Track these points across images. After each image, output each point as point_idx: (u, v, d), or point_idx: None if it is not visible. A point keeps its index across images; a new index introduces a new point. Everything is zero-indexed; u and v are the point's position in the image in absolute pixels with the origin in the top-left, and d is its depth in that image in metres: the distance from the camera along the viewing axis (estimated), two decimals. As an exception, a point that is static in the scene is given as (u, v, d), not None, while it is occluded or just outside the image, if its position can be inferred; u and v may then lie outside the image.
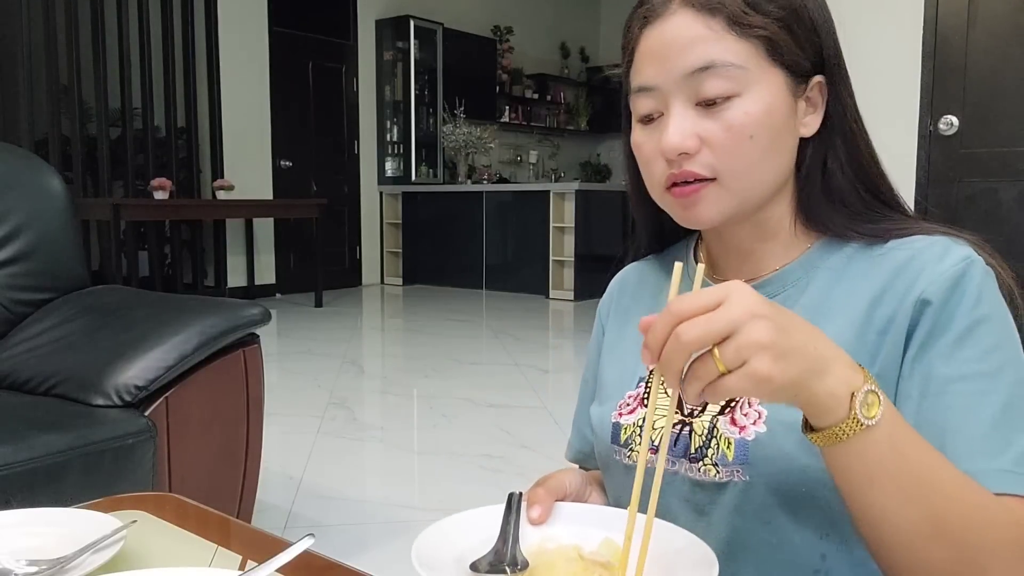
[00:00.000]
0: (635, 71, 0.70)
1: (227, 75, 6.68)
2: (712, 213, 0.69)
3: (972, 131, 3.46)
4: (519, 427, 3.24)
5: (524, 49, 9.61)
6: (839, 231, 0.72)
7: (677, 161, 0.67)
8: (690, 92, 0.67)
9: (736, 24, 0.65)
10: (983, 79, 3.43)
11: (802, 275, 0.73)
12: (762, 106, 0.66)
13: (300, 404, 3.58)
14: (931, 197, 3.56)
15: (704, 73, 0.65)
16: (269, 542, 0.77)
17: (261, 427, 1.91)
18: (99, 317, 1.85)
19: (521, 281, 7.32)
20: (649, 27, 0.69)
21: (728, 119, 0.66)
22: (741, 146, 0.67)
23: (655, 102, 0.69)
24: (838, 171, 0.71)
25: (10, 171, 2.01)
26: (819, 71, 0.70)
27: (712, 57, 0.65)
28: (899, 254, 0.68)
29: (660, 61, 0.67)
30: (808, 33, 0.69)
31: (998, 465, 0.59)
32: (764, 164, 0.68)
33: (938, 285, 0.64)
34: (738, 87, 0.66)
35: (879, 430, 0.53)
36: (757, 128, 0.66)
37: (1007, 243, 3.44)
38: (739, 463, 0.68)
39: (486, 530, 0.65)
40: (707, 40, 0.66)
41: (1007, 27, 3.39)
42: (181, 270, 6.54)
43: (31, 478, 1.38)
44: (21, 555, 0.67)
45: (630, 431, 0.76)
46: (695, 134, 0.66)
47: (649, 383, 0.78)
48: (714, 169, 0.67)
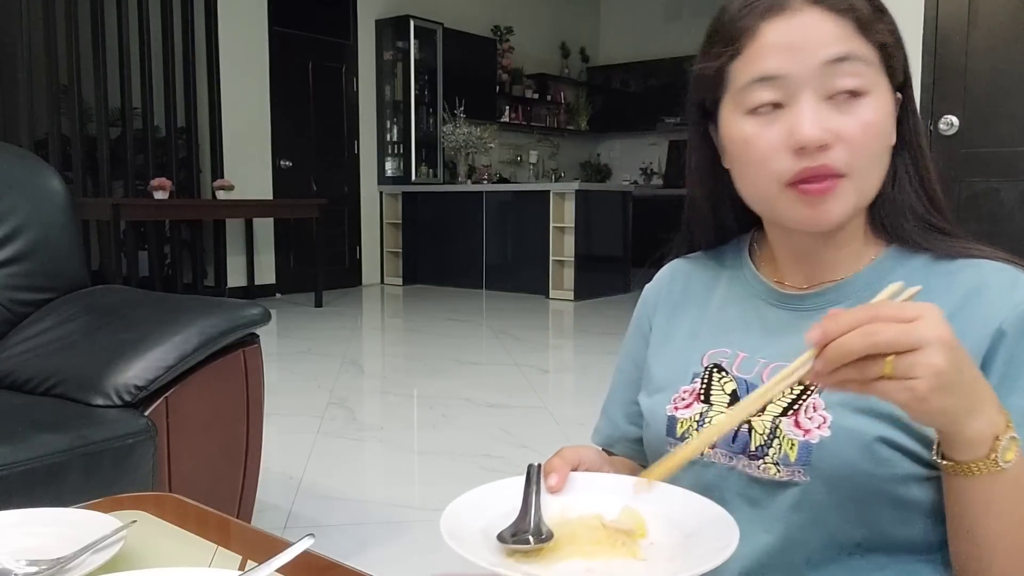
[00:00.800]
0: (750, 62, 0.69)
1: (227, 75, 6.68)
2: (840, 212, 0.68)
3: (972, 131, 3.46)
4: (519, 427, 3.24)
5: (524, 49, 9.60)
6: (908, 242, 0.73)
7: (813, 154, 0.66)
8: (822, 85, 0.66)
9: (864, 27, 0.67)
10: (983, 79, 3.43)
11: (869, 285, 0.72)
12: (886, 109, 0.69)
13: (300, 404, 3.58)
14: (931, 197, 3.56)
15: (841, 64, 0.66)
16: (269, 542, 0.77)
17: (261, 427, 1.91)
18: (99, 317, 1.85)
19: (521, 281, 7.32)
20: (774, 19, 0.68)
21: (862, 115, 0.67)
22: (872, 144, 0.67)
23: (779, 92, 0.68)
24: (907, 183, 0.73)
25: (10, 171, 2.01)
26: (900, 88, 0.72)
27: (848, 49, 0.66)
28: (969, 276, 0.70)
29: (791, 52, 0.67)
30: (902, 50, 0.72)
31: None
32: (882, 165, 0.70)
33: (1015, 316, 0.66)
34: (869, 84, 0.67)
35: (1009, 472, 0.57)
36: (884, 127, 0.68)
37: (1009, 243, 3.43)
38: (801, 464, 0.69)
39: (509, 501, 0.66)
40: (841, 36, 0.67)
41: (1007, 27, 3.39)
42: (181, 270, 6.54)
43: (31, 478, 1.37)
44: (21, 555, 0.67)
45: (687, 425, 0.76)
46: (829, 127, 0.66)
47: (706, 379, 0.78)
48: (848, 165, 0.67)
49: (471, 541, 0.60)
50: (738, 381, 0.75)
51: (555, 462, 0.70)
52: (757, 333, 0.77)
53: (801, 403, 0.70)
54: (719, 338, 0.79)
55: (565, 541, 0.62)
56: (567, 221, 6.96)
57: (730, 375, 0.76)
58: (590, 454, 0.75)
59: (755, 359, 0.75)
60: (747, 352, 0.76)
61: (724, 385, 0.76)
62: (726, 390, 0.76)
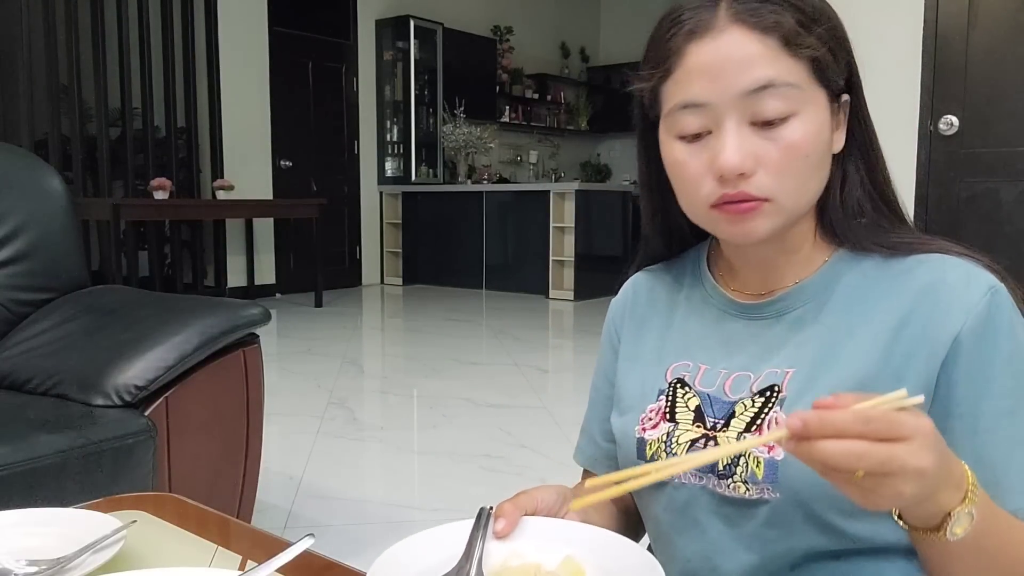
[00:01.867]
0: (676, 85, 0.69)
1: (227, 75, 6.68)
2: (766, 228, 0.69)
3: (972, 131, 3.46)
4: (519, 427, 3.24)
5: (524, 49, 9.60)
6: (858, 243, 0.72)
7: (733, 181, 0.66)
8: (746, 111, 0.66)
9: (789, 44, 0.65)
10: (983, 79, 3.43)
11: (822, 290, 0.73)
12: (815, 126, 0.67)
13: (300, 404, 3.58)
14: (931, 197, 3.56)
15: (763, 92, 0.65)
16: (269, 542, 0.77)
17: (261, 427, 1.91)
18: (99, 317, 1.85)
19: (521, 281, 7.33)
20: (698, 41, 0.67)
21: (786, 139, 0.66)
22: (796, 166, 0.67)
23: (704, 119, 0.67)
24: (857, 185, 0.72)
25: (10, 171, 2.01)
26: (847, 90, 0.71)
27: (771, 76, 0.65)
28: (922, 275, 0.69)
29: (713, 78, 0.66)
30: (843, 53, 0.70)
31: None
32: (812, 182, 0.69)
33: (973, 322, 0.65)
34: (794, 106, 0.66)
35: (965, 539, 0.56)
36: (811, 148, 0.67)
37: (1008, 243, 3.44)
38: (768, 482, 0.69)
39: (452, 547, 0.64)
40: (765, 58, 0.65)
41: (1007, 27, 3.39)
42: (181, 270, 6.54)
43: (31, 478, 1.37)
44: (21, 555, 0.67)
45: (656, 447, 0.76)
46: (751, 154, 0.66)
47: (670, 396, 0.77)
48: (769, 190, 0.67)
49: None
50: (701, 396, 0.75)
51: (506, 507, 0.69)
52: (718, 345, 0.77)
53: (764, 418, 0.70)
54: (682, 352, 0.79)
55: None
56: (567, 221, 6.97)
57: (693, 390, 0.76)
58: (548, 497, 0.73)
59: (716, 371, 0.76)
60: (708, 364, 0.77)
61: (688, 401, 0.76)
62: (690, 406, 0.75)
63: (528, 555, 0.65)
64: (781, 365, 0.72)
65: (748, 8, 0.66)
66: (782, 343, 0.73)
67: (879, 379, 0.67)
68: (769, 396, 0.71)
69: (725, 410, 0.73)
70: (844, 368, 0.69)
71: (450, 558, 0.63)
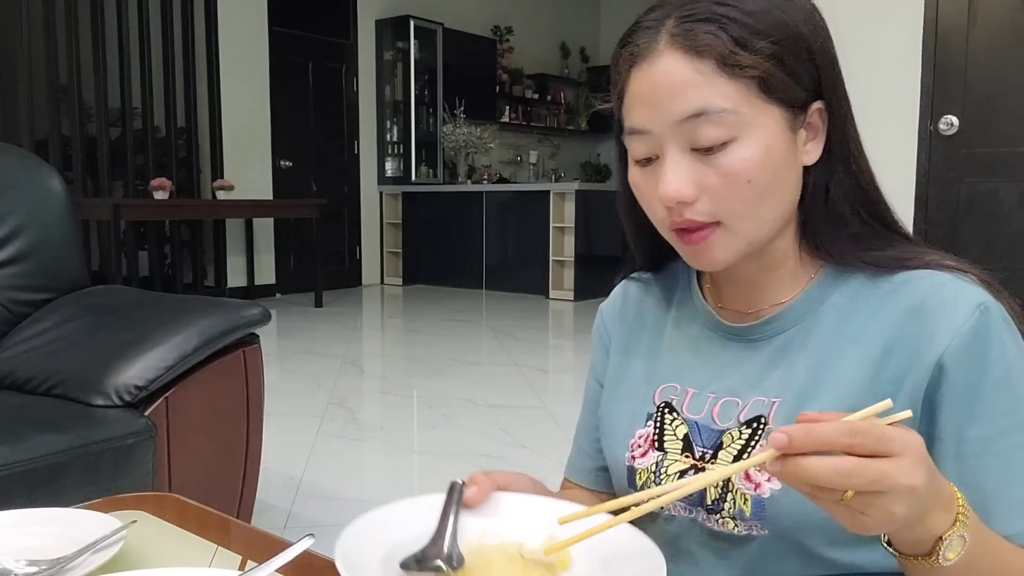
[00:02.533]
0: (627, 111, 0.68)
1: (227, 75, 6.67)
2: (722, 257, 0.67)
3: (972, 131, 3.46)
4: (519, 427, 3.24)
5: (524, 49, 9.60)
6: (844, 259, 0.70)
7: (676, 209, 0.66)
8: (684, 138, 0.64)
9: (726, 66, 0.63)
10: (983, 79, 3.43)
11: (809, 311, 0.71)
12: (759, 149, 0.64)
13: (300, 404, 3.58)
14: (931, 197, 3.56)
15: (696, 120, 0.63)
16: (269, 542, 0.77)
17: (261, 427, 1.91)
18: (99, 317, 1.85)
19: (521, 281, 7.33)
20: (637, 68, 0.66)
21: (724, 166, 0.64)
22: (739, 192, 0.64)
23: (649, 146, 0.67)
24: (841, 197, 0.70)
25: (10, 171, 2.01)
26: (818, 96, 0.68)
27: (703, 104, 0.63)
28: (908, 295, 0.67)
29: (650, 105, 0.65)
30: (803, 62, 0.65)
31: None
32: (766, 204, 0.66)
33: (957, 345, 0.63)
34: (733, 132, 0.63)
35: (956, 565, 0.55)
36: (755, 172, 0.64)
37: (1008, 243, 3.44)
38: (756, 519, 0.68)
39: (424, 522, 0.62)
40: (697, 85, 0.63)
41: (1007, 27, 3.39)
42: (181, 270, 6.54)
43: (31, 478, 1.37)
44: (21, 555, 0.67)
45: (645, 476, 0.75)
46: (691, 181, 0.64)
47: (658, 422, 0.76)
48: (714, 215, 0.65)
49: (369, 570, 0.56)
50: (689, 424, 0.74)
51: (479, 476, 0.67)
52: (705, 367, 0.76)
53: (750, 450, 0.70)
54: (670, 374, 0.78)
55: (478, 570, 0.58)
56: (567, 221, 6.97)
57: (681, 416, 0.75)
58: (521, 480, 0.72)
59: (704, 395, 0.75)
60: (696, 388, 0.76)
61: (676, 429, 0.75)
62: (678, 435, 0.75)
63: (506, 533, 0.63)
64: (768, 393, 0.70)
65: (685, 29, 0.64)
66: (769, 368, 0.72)
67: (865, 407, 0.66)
68: (756, 428, 0.70)
69: (713, 439, 0.72)
70: (830, 398, 0.67)
71: (421, 534, 0.61)
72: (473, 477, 0.67)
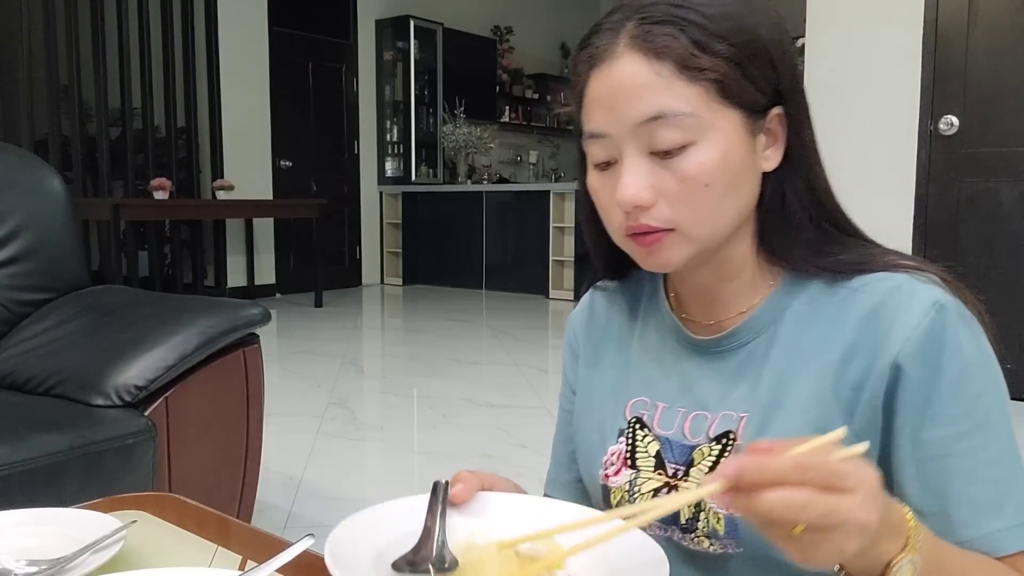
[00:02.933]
0: (586, 115, 0.68)
1: (227, 75, 6.68)
2: (674, 259, 0.67)
3: (972, 131, 3.46)
4: (519, 427, 3.24)
5: (524, 49, 9.60)
6: (801, 266, 0.69)
7: (633, 213, 0.65)
8: (642, 141, 0.64)
9: (685, 68, 0.62)
10: (983, 79, 3.43)
11: (769, 322, 0.71)
12: (717, 153, 0.64)
13: (300, 404, 3.58)
14: (931, 197, 3.56)
15: (655, 123, 0.63)
16: (269, 542, 0.77)
17: (261, 427, 1.91)
18: (99, 317, 1.85)
19: (521, 281, 7.32)
20: (596, 70, 0.66)
21: (682, 170, 0.63)
22: (697, 196, 0.64)
23: (608, 149, 0.66)
24: (797, 204, 0.69)
25: (10, 171, 2.01)
26: (778, 102, 0.67)
27: (662, 107, 0.62)
28: (864, 300, 0.66)
29: (608, 108, 0.65)
30: (763, 67, 0.65)
31: (1003, 524, 0.60)
32: (723, 209, 0.66)
33: (912, 345, 0.62)
34: (691, 135, 0.63)
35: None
36: (713, 176, 0.64)
37: (1008, 243, 3.44)
38: (730, 537, 0.68)
39: (409, 522, 0.61)
40: (655, 88, 0.62)
41: (1007, 27, 3.39)
42: (181, 270, 6.54)
43: (31, 478, 1.37)
44: (21, 555, 0.67)
45: (619, 495, 0.75)
46: (649, 186, 0.64)
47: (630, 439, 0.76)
48: (671, 220, 0.65)
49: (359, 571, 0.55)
50: (661, 440, 0.74)
51: (464, 474, 0.67)
52: (673, 380, 0.75)
53: None
54: (639, 387, 0.78)
55: (471, 571, 0.57)
56: (567, 221, 6.96)
57: (652, 433, 0.75)
58: (505, 484, 0.71)
59: (674, 409, 0.74)
60: (665, 402, 0.75)
61: (648, 446, 0.75)
62: (650, 452, 0.74)
63: (495, 532, 0.61)
64: (736, 408, 0.70)
65: (644, 30, 0.63)
66: (735, 382, 0.71)
67: (830, 416, 0.65)
68: (725, 444, 0.70)
69: (685, 455, 0.72)
70: (795, 408, 0.67)
71: (408, 534, 0.60)
72: (458, 475, 0.67)
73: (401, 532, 0.61)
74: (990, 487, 0.61)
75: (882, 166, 3.62)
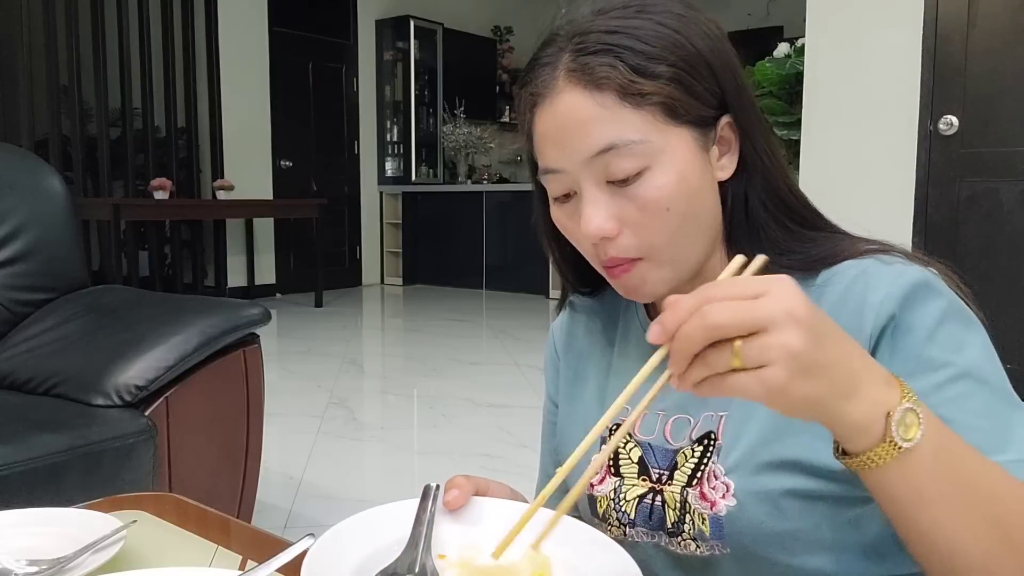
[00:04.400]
0: (538, 151, 0.67)
1: (227, 75, 6.68)
2: (653, 288, 0.67)
3: (972, 131, 3.46)
4: (519, 427, 3.24)
5: (524, 49, 9.57)
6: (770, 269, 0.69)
7: (601, 245, 0.65)
8: (597, 173, 0.64)
9: (627, 96, 0.62)
10: (983, 79, 3.43)
11: None
12: (673, 175, 0.63)
13: (300, 404, 3.58)
14: (931, 197, 3.56)
15: (607, 154, 0.62)
16: (269, 542, 0.77)
17: (261, 427, 1.91)
18: (99, 317, 1.85)
19: (521, 281, 7.32)
20: (540, 108, 0.65)
21: (641, 196, 0.63)
22: (659, 221, 0.64)
23: (565, 183, 0.66)
24: (760, 207, 0.68)
25: (10, 171, 2.01)
26: (725, 111, 0.66)
27: (611, 138, 0.62)
28: (832, 290, 0.66)
29: (558, 145, 0.64)
30: (705, 80, 0.64)
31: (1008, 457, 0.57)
32: (687, 229, 0.66)
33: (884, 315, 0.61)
34: (645, 161, 0.62)
35: (921, 450, 0.48)
36: (672, 199, 0.63)
37: (1008, 243, 3.44)
38: (716, 539, 0.67)
39: (399, 529, 0.61)
40: (601, 120, 0.62)
41: (1007, 27, 3.39)
42: (181, 270, 6.54)
43: (31, 478, 1.37)
44: (21, 555, 0.67)
45: (605, 504, 0.75)
46: (611, 216, 0.64)
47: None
48: (638, 249, 0.65)
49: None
50: (643, 446, 0.74)
51: (459, 479, 0.66)
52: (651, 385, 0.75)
53: (704, 468, 0.68)
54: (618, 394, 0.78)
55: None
56: (567, 221, 6.96)
57: (634, 439, 0.74)
58: (501, 489, 0.71)
59: (654, 413, 0.74)
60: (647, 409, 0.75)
61: (630, 452, 0.74)
62: (633, 458, 0.74)
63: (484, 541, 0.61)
64: (716, 408, 0.70)
65: (581, 63, 0.63)
66: None
67: None
68: (707, 444, 0.69)
69: (668, 459, 0.71)
70: None
71: (395, 542, 0.60)
72: (453, 480, 0.66)
73: (389, 540, 0.60)
74: (985, 434, 0.57)
75: (882, 166, 3.62)
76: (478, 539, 0.62)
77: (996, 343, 0.65)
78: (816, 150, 3.73)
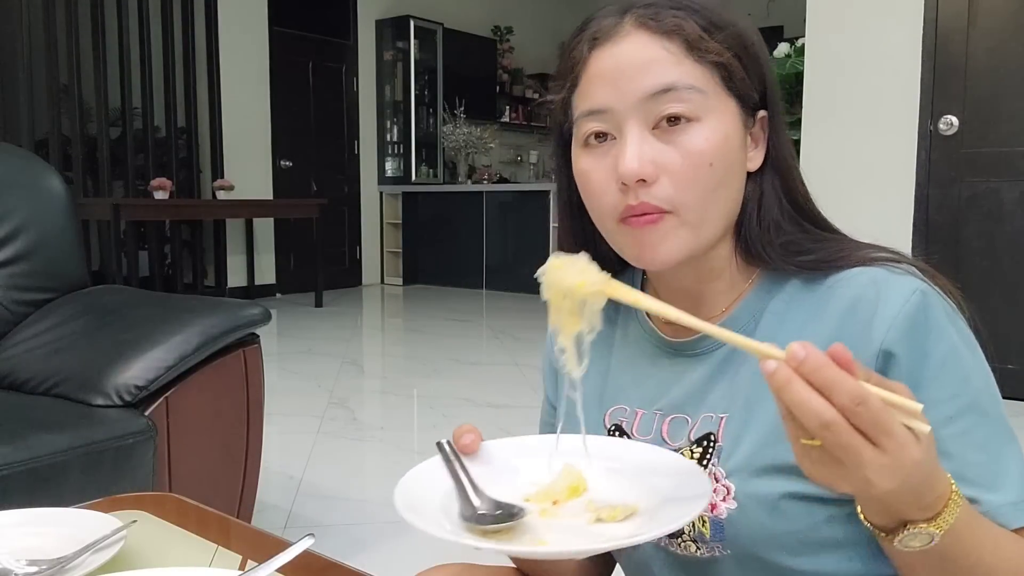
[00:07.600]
0: (582, 94, 0.67)
1: (227, 75, 6.68)
2: (671, 251, 0.66)
3: (972, 131, 3.46)
4: (519, 427, 3.24)
5: (524, 49, 9.60)
6: (778, 265, 0.69)
7: (634, 190, 0.64)
8: (647, 115, 0.64)
9: (694, 48, 0.64)
10: (983, 79, 3.43)
11: (748, 322, 0.70)
12: (721, 134, 0.64)
13: (300, 404, 3.58)
14: (931, 197, 3.56)
15: (664, 95, 0.63)
16: (269, 542, 0.77)
17: (261, 427, 1.91)
18: (99, 317, 1.85)
19: (521, 281, 7.32)
20: (600, 48, 0.66)
21: (687, 145, 0.64)
22: (700, 174, 0.64)
23: (606, 125, 0.66)
24: (774, 204, 0.70)
25: (10, 171, 2.01)
26: (763, 106, 0.69)
27: (672, 79, 0.63)
28: (842, 296, 0.66)
29: (614, 82, 0.65)
30: (755, 66, 0.67)
31: (1004, 499, 0.60)
32: (719, 195, 0.66)
33: (896, 332, 0.62)
34: (698, 111, 0.64)
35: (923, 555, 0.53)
36: (716, 156, 0.64)
37: (1008, 243, 3.44)
38: (717, 541, 0.68)
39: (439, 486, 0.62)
40: (666, 62, 0.64)
41: (1007, 27, 3.39)
42: (181, 270, 6.54)
43: (31, 478, 1.37)
44: (21, 555, 0.67)
45: None
46: (652, 160, 0.63)
47: None
48: (671, 201, 0.64)
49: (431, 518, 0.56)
50: None
51: (466, 427, 0.66)
52: (650, 384, 0.75)
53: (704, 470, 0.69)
54: (619, 395, 0.77)
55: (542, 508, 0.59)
56: (567, 221, 6.96)
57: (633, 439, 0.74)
58: None
59: (651, 413, 0.74)
60: (643, 407, 0.75)
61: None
62: None
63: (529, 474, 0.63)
64: (716, 410, 0.70)
65: (650, 13, 0.65)
66: (714, 382, 0.71)
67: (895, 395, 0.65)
68: (707, 446, 0.69)
69: None
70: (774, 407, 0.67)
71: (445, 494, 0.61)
72: (460, 428, 0.66)
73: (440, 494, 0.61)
74: (984, 468, 0.60)
75: (882, 166, 3.62)
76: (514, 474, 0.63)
77: (996, 343, 0.65)
78: (816, 150, 3.73)
